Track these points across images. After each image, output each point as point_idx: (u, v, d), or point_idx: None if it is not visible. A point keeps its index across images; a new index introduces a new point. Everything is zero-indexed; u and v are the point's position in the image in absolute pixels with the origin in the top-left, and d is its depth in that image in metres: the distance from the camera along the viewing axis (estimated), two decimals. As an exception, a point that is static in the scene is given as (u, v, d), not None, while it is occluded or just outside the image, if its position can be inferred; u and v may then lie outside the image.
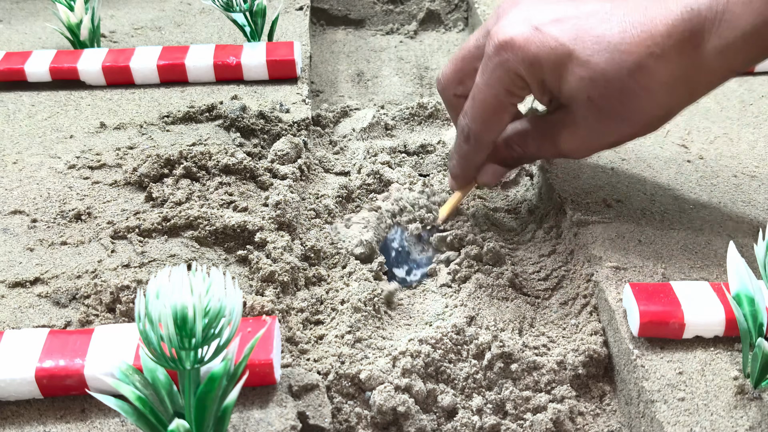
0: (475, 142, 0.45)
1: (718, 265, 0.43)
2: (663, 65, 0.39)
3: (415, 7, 0.84)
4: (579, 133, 0.43)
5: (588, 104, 0.41)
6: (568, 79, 0.40)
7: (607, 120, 0.41)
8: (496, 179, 0.48)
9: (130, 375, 0.32)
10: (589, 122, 0.42)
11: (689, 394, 0.36)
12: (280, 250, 0.45)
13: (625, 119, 0.41)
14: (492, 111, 0.43)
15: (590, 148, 0.44)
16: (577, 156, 0.45)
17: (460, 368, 0.40)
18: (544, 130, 0.45)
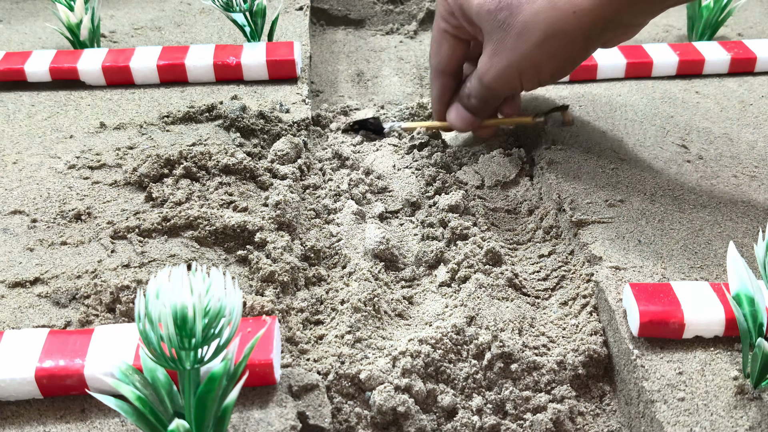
0: (431, 71, 0.53)
1: (717, 265, 0.43)
2: None
3: (415, 7, 0.84)
4: (486, 52, 0.47)
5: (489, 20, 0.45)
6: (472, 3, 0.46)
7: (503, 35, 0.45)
8: (460, 121, 0.53)
9: (130, 375, 0.32)
10: (490, 40, 0.46)
11: (689, 394, 0.36)
12: (280, 250, 0.45)
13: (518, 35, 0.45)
14: (434, 39, 0.52)
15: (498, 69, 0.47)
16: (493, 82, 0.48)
17: (460, 368, 0.40)
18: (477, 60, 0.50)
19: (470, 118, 0.53)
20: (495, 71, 0.48)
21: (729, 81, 0.64)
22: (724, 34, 0.72)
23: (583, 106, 0.60)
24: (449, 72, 0.52)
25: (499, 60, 0.47)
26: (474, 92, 0.51)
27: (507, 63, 0.46)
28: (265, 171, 0.52)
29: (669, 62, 0.63)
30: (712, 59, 0.63)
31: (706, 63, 0.63)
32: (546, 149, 0.55)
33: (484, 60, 0.48)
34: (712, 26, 0.68)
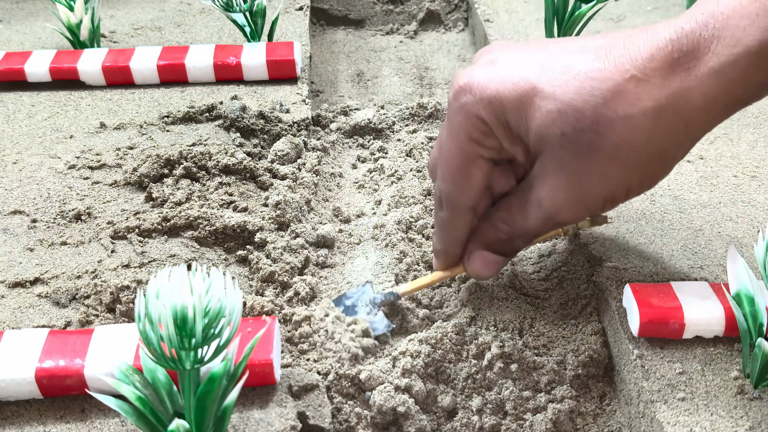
0: (449, 206, 0.39)
1: (718, 265, 0.43)
2: (645, 89, 0.33)
3: (415, 7, 0.84)
4: (560, 183, 0.36)
5: (561, 143, 0.35)
6: (535, 116, 0.35)
7: (588, 160, 0.35)
8: (489, 269, 0.40)
9: (130, 375, 0.32)
10: (567, 167, 0.35)
11: (689, 394, 0.36)
12: (280, 250, 0.45)
13: (610, 158, 0.34)
14: (459, 165, 0.37)
15: (579, 202, 0.36)
16: (568, 216, 0.37)
17: (460, 368, 0.40)
18: (525, 193, 0.38)
19: (502, 263, 0.41)
20: (577, 205, 0.36)
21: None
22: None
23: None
24: (477, 207, 0.39)
25: (583, 191, 0.36)
26: (528, 231, 0.39)
27: (594, 192, 0.36)
28: (265, 171, 0.52)
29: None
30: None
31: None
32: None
33: (558, 193, 0.36)
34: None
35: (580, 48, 0.35)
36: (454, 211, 0.39)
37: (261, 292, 0.44)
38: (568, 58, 0.35)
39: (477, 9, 0.77)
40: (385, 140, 0.61)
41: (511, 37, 0.71)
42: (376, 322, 0.42)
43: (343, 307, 0.43)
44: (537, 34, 0.71)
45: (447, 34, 0.82)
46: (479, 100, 0.36)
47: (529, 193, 0.37)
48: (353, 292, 0.44)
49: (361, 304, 0.43)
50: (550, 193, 0.36)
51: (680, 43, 0.33)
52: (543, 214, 0.37)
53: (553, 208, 0.37)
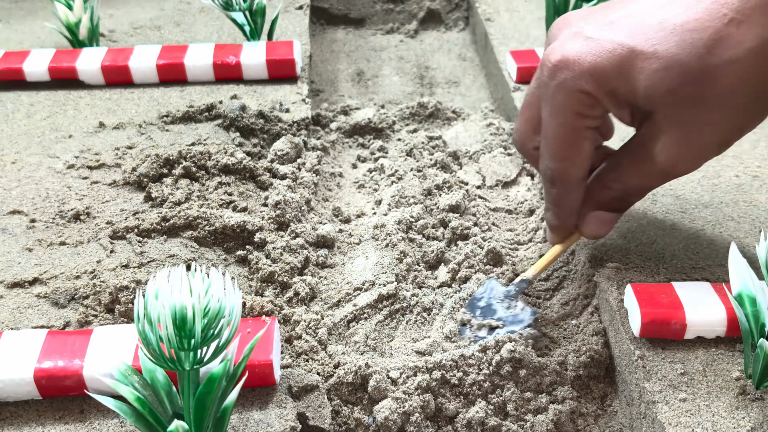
0: (561, 183, 0.40)
1: (719, 266, 0.43)
2: (746, 31, 0.34)
3: (415, 6, 0.84)
4: (675, 137, 0.36)
5: (672, 99, 0.35)
6: (640, 78, 0.35)
7: (700, 112, 0.35)
8: (604, 227, 0.41)
9: (129, 376, 0.32)
10: (681, 121, 0.36)
11: (691, 395, 0.35)
12: (280, 250, 0.45)
13: (719, 106, 0.35)
14: (567, 142, 0.38)
15: (695, 153, 0.37)
16: (684, 169, 0.38)
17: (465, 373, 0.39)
18: (637, 152, 0.39)
19: (615, 220, 0.42)
20: (692, 156, 0.37)
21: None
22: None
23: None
24: (588, 174, 0.41)
25: (696, 142, 0.36)
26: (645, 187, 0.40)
27: (708, 141, 0.37)
28: (265, 171, 0.52)
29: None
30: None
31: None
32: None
33: (672, 148, 0.37)
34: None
35: (666, 1, 0.36)
36: (569, 186, 0.40)
37: (261, 292, 0.43)
38: (657, 14, 0.35)
39: (478, 8, 0.77)
40: (386, 140, 0.61)
41: (512, 36, 0.70)
42: (521, 313, 0.42)
43: (479, 311, 0.43)
44: (538, 33, 0.71)
45: (447, 33, 0.82)
46: (579, 74, 0.36)
47: (642, 152, 0.38)
48: (481, 292, 0.44)
49: (496, 301, 0.43)
50: (666, 149, 0.37)
51: None
52: (659, 170, 0.38)
53: (670, 162, 0.37)
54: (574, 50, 0.36)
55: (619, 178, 0.40)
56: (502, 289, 0.44)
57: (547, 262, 0.44)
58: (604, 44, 0.36)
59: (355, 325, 0.43)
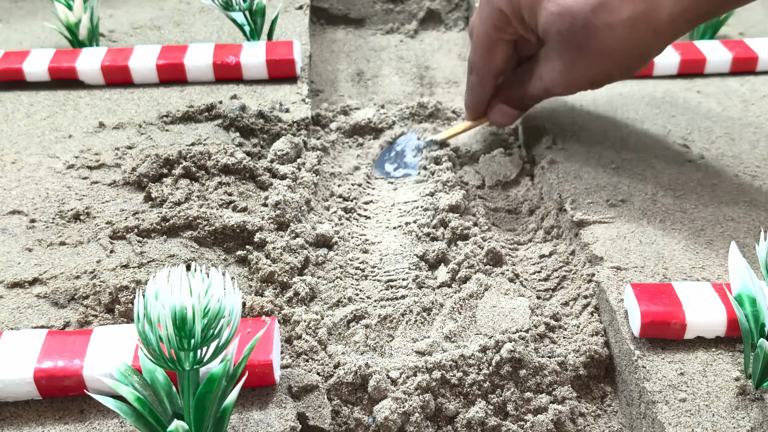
0: (477, 74, 0.52)
1: (719, 266, 0.43)
2: (623, 2, 0.42)
3: (415, 6, 0.84)
4: (556, 67, 0.47)
5: (559, 38, 0.45)
6: (542, 14, 0.45)
7: (578, 54, 0.45)
8: (505, 118, 0.53)
9: (128, 376, 0.32)
10: (563, 56, 0.46)
11: (691, 395, 0.35)
12: (280, 250, 0.45)
13: (594, 54, 0.44)
14: (485, 44, 0.50)
15: (567, 82, 0.48)
16: (559, 90, 0.49)
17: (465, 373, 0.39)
18: (532, 67, 0.49)
19: (516, 115, 0.53)
20: (567, 84, 0.48)
21: (731, 80, 0.63)
22: (726, 33, 0.72)
23: (585, 105, 0.60)
24: (499, 75, 0.52)
25: (572, 75, 0.47)
26: (533, 96, 0.51)
27: (581, 77, 0.47)
28: (265, 171, 0.52)
29: (670, 61, 0.63)
30: (714, 58, 0.63)
31: (708, 62, 0.63)
32: (547, 148, 0.54)
33: (554, 74, 0.47)
34: (713, 25, 0.68)
35: None
36: (481, 77, 0.52)
37: (260, 292, 0.43)
38: None
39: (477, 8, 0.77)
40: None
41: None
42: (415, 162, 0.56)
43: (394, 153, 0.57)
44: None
45: (447, 33, 0.82)
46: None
47: (534, 68, 0.49)
48: (402, 139, 0.58)
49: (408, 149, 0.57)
50: (549, 73, 0.48)
51: None
52: (542, 86, 0.49)
53: (550, 83, 0.48)
54: None
55: (519, 81, 0.51)
56: (416, 143, 0.57)
57: (455, 132, 0.56)
58: None
59: (355, 325, 0.43)
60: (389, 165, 0.56)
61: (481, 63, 0.51)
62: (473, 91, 0.53)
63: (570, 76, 0.47)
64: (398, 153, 0.57)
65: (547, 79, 0.48)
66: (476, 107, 0.54)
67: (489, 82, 0.52)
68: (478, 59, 0.51)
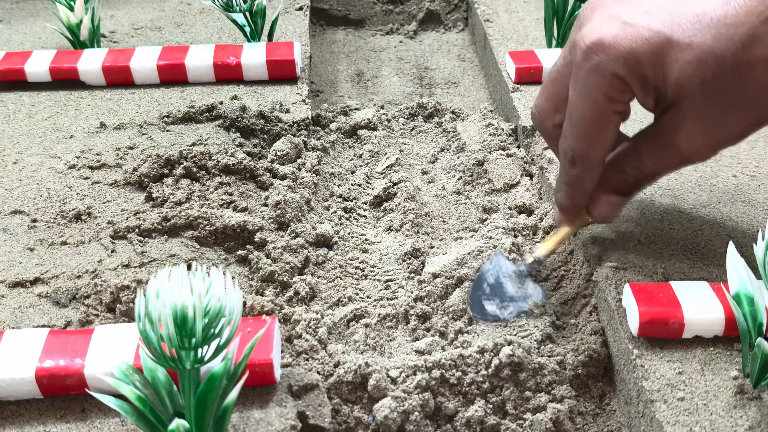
0: (582, 164, 0.40)
1: (717, 265, 0.43)
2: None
3: (414, 7, 0.84)
4: (698, 128, 0.37)
5: (702, 91, 0.36)
6: (673, 67, 0.36)
7: (728, 105, 0.36)
8: (614, 211, 0.42)
9: (130, 375, 0.32)
10: (708, 112, 0.37)
11: (689, 394, 0.36)
12: (280, 250, 0.45)
13: (748, 101, 0.36)
14: (594, 124, 0.38)
15: (716, 143, 0.38)
16: (703, 156, 0.39)
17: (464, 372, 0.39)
18: (658, 138, 0.39)
19: (625, 203, 0.43)
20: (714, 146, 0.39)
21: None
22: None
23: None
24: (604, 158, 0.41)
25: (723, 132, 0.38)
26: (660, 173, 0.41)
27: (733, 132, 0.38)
28: (265, 171, 0.52)
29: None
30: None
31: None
32: (545, 149, 0.55)
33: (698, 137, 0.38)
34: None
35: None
36: (588, 166, 0.40)
37: (261, 291, 0.44)
38: (696, 6, 0.36)
39: (477, 9, 0.77)
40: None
41: (510, 37, 0.71)
42: (533, 292, 0.43)
43: (488, 288, 0.43)
44: (537, 34, 0.71)
45: (447, 34, 0.82)
46: (615, 58, 0.36)
47: (663, 140, 0.39)
48: (488, 267, 0.44)
49: (505, 278, 0.43)
50: (689, 138, 0.38)
51: None
52: (679, 157, 0.39)
53: (691, 150, 0.38)
54: (611, 34, 0.36)
55: (636, 163, 0.40)
56: (511, 267, 0.43)
57: (557, 242, 0.44)
58: (641, 31, 0.36)
59: (355, 324, 0.43)
60: (490, 305, 0.43)
61: (588, 147, 0.39)
62: (575, 186, 0.41)
63: (718, 134, 0.38)
64: (493, 287, 0.44)
65: (684, 146, 0.38)
66: (578, 204, 0.42)
67: (597, 170, 0.40)
68: (584, 144, 0.39)
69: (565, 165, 0.41)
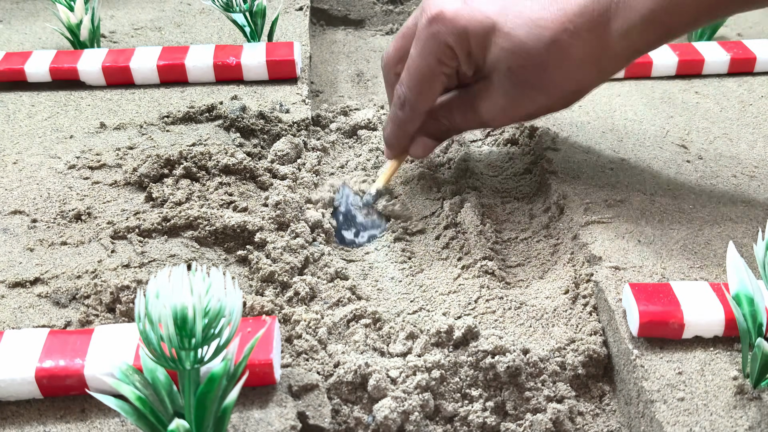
0: (410, 110, 0.47)
1: (717, 265, 0.43)
2: (575, 42, 0.42)
3: (414, 8, 0.84)
4: (498, 102, 0.45)
5: (508, 74, 0.44)
6: (492, 50, 0.43)
7: (525, 90, 0.44)
8: (426, 151, 0.50)
9: (130, 375, 0.32)
10: (508, 92, 0.45)
11: (689, 394, 0.36)
12: (280, 250, 0.45)
13: (541, 90, 0.44)
14: (425, 79, 0.46)
15: (508, 117, 0.47)
16: (497, 124, 0.48)
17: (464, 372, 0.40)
18: (467, 101, 0.47)
19: (435, 147, 0.51)
20: (507, 119, 0.48)
21: (728, 81, 0.64)
22: (724, 34, 0.72)
23: (583, 107, 0.60)
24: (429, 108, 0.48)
25: (515, 110, 0.46)
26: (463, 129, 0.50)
27: (523, 112, 0.46)
28: (265, 171, 0.52)
29: (668, 62, 0.63)
30: (712, 59, 0.63)
31: (706, 63, 0.63)
32: (545, 149, 0.55)
33: (496, 109, 0.46)
34: (711, 26, 0.68)
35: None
36: (414, 113, 0.48)
37: (261, 292, 0.44)
38: (522, 4, 0.43)
39: (477, 9, 0.77)
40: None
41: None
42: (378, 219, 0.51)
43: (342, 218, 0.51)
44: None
45: (447, 34, 0.82)
46: (450, 32, 0.44)
47: (470, 102, 0.47)
48: (338, 199, 0.52)
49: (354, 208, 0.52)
50: (489, 107, 0.46)
51: (599, 3, 0.42)
52: (479, 120, 0.48)
53: (488, 117, 0.47)
54: (452, 9, 0.43)
55: (447, 116, 0.49)
56: (357, 198, 0.52)
57: (389, 175, 0.52)
58: (476, 13, 0.43)
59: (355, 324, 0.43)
60: (348, 233, 0.51)
61: (416, 98, 0.47)
62: (401, 128, 0.49)
63: (513, 111, 0.46)
64: (346, 217, 0.51)
65: (485, 113, 0.47)
66: (401, 144, 0.50)
67: (420, 117, 0.48)
68: (414, 94, 0.47)
69: (396, 107, 0.48)
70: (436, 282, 0.47)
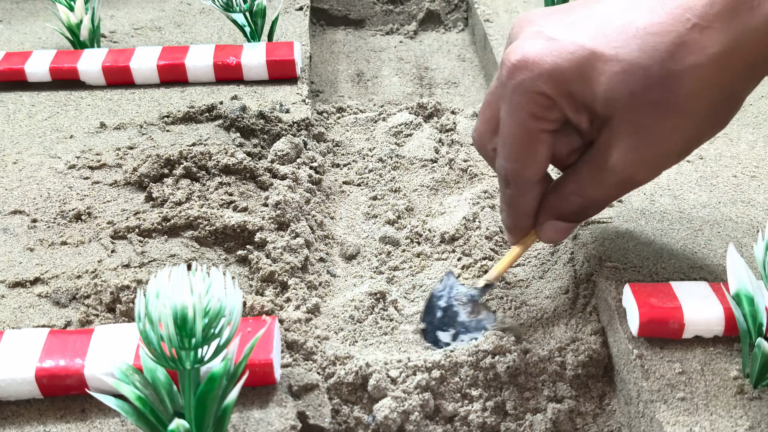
0: (516, 183, 0.39)
1: (717, 265, 0.43)
2: (709, 36, 0.33)
3: (414, 8, 0.84)
4: (634, 143, 0.35)
5: (631, 103, 0.34)
6: (600, 81, 0.34)
7: (659, 117, 0.34)
8: (560, 235, 0.40)
9: (130, 375, 0.32)
10: (639, 126, 0.35)
11: (689, 394, 0.36)
12: (280, 250, 0.45)
13: (679, 111, 0.34)
14: (523, 143, 0.37)
15: (652, 160, 0.36)
16: (643, 177, 0.37)
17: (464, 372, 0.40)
18: (595, 161, 0.37)
19: (573, 228, 0.41)
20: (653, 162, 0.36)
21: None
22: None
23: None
24: (542, 179, 0.39)
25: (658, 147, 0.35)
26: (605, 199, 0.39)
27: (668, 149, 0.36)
28: (265, 171, 0.52)
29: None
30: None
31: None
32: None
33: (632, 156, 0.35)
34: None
35: (630, 4, 0.35)
36: (522, 187, 0.39)
37: (261, 292, 0.44)
38: (621, 16, 0.35)
39: (477, 9, 0.77)
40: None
41: (510, 37, 0.71)
42: (484, 318, 0.42)
43: (440, 313, 0.43)
44: (537, 34, 0.71)
45: (447, 34, 0.83)
46: (538, 75, 0.35)
47: (600, 161, 0.37)
48: (440, 290, 0.44)
49: (456, 303, 0.43)
50: (625, 157, 0.36)
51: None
52: (618, 179, 0.37)
53: (629, 171, 0.36)
54: (534, 50, 0.35)
55: (576, 190, 0.38)
56: (463, 290, 0.43)
57: (507, 264, 0.43)
58: (565, 45, 0.35)
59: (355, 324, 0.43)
60: (444, 334, 0.42)
61: (519, 167, 0.38)
62: (513, 208, 0.40)
63: (655, 148, 0.35)
64: (446, 312, 0.43)
65: (622, 167, 0.36)
66: (520, 226, 0.41)
67: (533, 190, 0.39)
68: (514, 164, 0.38)
69: (501, 185, 0.40)
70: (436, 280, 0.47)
